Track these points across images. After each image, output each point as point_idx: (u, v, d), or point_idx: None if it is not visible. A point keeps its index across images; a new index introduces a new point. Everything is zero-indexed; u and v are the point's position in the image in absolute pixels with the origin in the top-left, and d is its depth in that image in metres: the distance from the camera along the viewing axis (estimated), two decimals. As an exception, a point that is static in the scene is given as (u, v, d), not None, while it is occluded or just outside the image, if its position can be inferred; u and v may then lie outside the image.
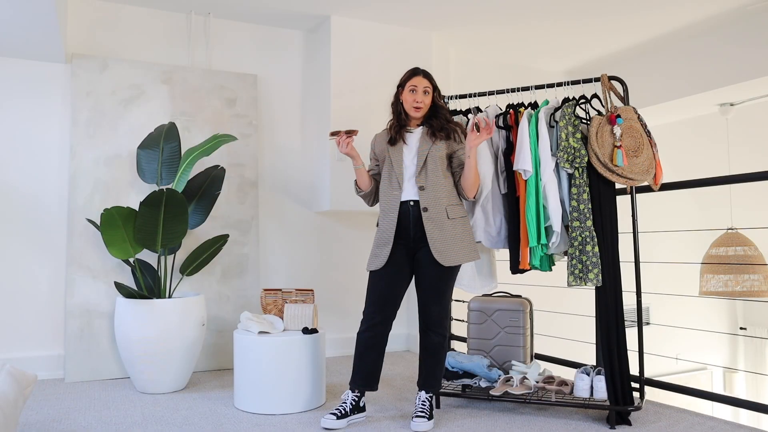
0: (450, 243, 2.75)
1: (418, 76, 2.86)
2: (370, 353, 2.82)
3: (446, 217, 2.76)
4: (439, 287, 2.80)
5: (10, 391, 2.11)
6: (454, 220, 2.78)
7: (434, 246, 2.73)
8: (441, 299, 2.82)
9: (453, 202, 2.81)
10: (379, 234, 2.86)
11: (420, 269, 2.82)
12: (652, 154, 2.93)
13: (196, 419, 2.91)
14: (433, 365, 2.85)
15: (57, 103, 3.89)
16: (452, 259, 2.74)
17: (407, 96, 2.86)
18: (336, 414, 2.74)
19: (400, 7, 4.16)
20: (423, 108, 2.85)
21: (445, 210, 2.77)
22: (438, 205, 2.76)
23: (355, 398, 2.80)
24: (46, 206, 3.84)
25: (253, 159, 4.28)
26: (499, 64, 5.34)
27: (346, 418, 2.75)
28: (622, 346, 2.84)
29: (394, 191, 2.82)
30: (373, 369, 2.83)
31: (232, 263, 4.14)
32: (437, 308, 2.82)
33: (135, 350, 3.36)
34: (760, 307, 7.03)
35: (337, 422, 2.71)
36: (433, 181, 2.78)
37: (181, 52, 4.24)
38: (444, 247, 2.74)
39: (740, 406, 2.88)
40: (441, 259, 2.73)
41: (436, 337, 2.84)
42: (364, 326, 2.84)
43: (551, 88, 3.12)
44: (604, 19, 4.45)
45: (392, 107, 2.95)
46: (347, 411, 2.76)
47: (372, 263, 2.84)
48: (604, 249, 2.85)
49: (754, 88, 4.71)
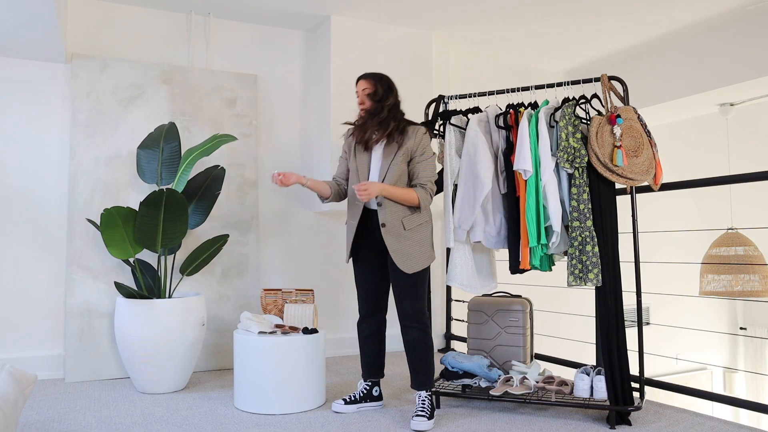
0: (410, 252, 2.82)
1: (361, 80, 2.96)
2: (369, 341, 3.02)
3: (403, 228, 2.83)
4: (411, 285, 2.85)
5: (10, 391, 2.11)
6: (410, 230, 2.85)
7: (396, 257, 2.81)
8: (413, 294, 2.85)
9: (408, 213, 2.86)
10: (347, 229, 3.01)
11: (391, 271, 2.90)
12: (652, 154, 2.93)
13: (196, 419, 2.91)
14: (418, 362, 2.85)
15: (57, 103, 3.89)
16: (415, 266, 2.82)
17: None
18: (345, 399, 2.95)
19: (400, 7, 4.16)
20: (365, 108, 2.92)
21: (401, 222, 2.83)
22: (395, 219, 2.83)
23: (366, 387, 2.94)
24: (46, 206, 3.84)
25: (253, 159, 4.28)
26: (499, 64, 5.34)
27: (355, 404, 2.92)
28: (622, 346, 2.84)
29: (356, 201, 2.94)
30: (375, 356, 3.00)
31: (232, 263, 4.14)
32: (410, 301, 2.85)
33: (135, 350, 3.36)
34: (760, 307, 7.04)
35: (345, 407, 2.86)
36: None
37: (181, 52, 4.24)
38: (405, 256, 2.81)
39: (740, 406, 2.88)
40: (405, 267, 2.81)
41: (415, 331, 2.85)
42: (359, 317, 3.06)
43: (551, 88, 3.12)
44: (604, 19, 4.45)
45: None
46: (357, 398, 2.92)
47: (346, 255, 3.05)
48: (604, 249, 2.85)
49: (754, 88, 4.71)
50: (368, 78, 2.94)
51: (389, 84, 2.94)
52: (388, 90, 2.92)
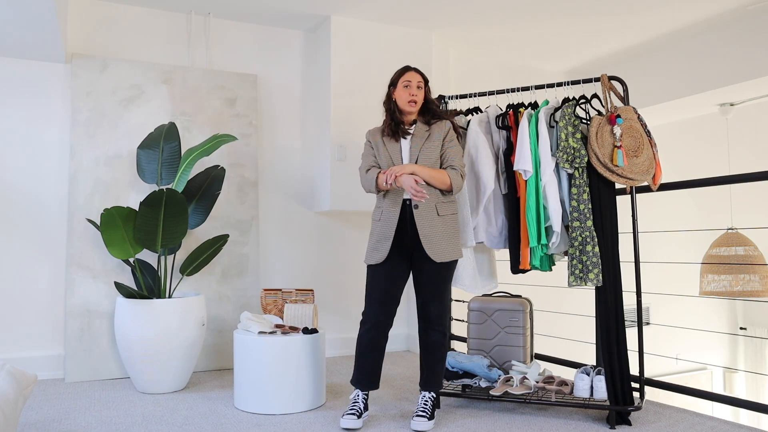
0: (440, 240, 2.77)
1: (411, 71, 2.89)
2: (372, 353, 2.84)
3: (436, 213, 2.79)
4: (437, 285, 2.81)
5: (10, 391, 2.11)
6: (444, 217, 2.80)
7: (426, 243, 2.75)
8: (440, 296, 2.83)
9: (443, 200, 2.83)
10: (380, 227, 2.83)
11: (417, 268, 2.84)
12: (652, 154, 2.93)
13: (196, 419, 2.91)
14: (435, 364, 2.85)
15: (57, 103, 3.89)
16: (444, 255, 2.76)
17: (401, 92, 2.87)
18: (355, 414, 2.76)
19: (400, 7, 4.16)
20: (418, 102, 2.87)
21: (435, 207, 2.79)
22: (429, 201, 2.78)
23: (365, 396, 2.84)
24: (46, 206, 3.84)
25: (253, 159, 4.28)
26: (499, 64, 5.34)
27: (362, 416, 2.79)
28: (622, 346, 2.84)
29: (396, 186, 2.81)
30: (376, 368, 2.86)
31: (232, 263, 4.14)
32: (437, 305, 2.82)
33: (135, 350, 3.36)
34: (760, 307, 7.03)
35: (358, 421, 2.75)
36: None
37: (181, 52, 4.24)
38: (435, 243, 2.76)
39: (740, 406, 2.88)
40: (433, 255, 2.74)
41: (437, 335, 2.84)
42: (367, 325, 2.84)
43: (551, 88, 3.12)
44: (604, 19, 4.45)
45: (385, 106, 2.95)
46: (362, 409, 2.80)
47: (372, 256, 2.83)
48: (604, 249, 2.85)
49: (754, 88, 4.71)
50: (418, 71, 2.90)
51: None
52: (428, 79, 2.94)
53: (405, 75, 2.88)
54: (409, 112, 2.88)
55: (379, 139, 2.92)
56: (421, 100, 2.88)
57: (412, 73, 2.88)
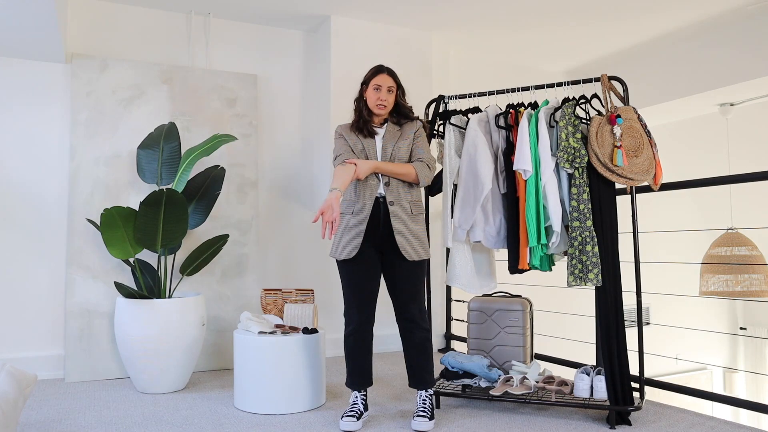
0: (414, 238, 2.78)
1: (383, 74, 2.85)
2: (360, 353, 2.84)
3: (410, 212, 2.81)
4: (414, 284, 2.81)
5: (10, 391, 2.11)
6: (416, 215, 2.83)
7: (401, 241, 2.74)
8: (417, 296, 2.83)
9: (416, 198, 2.86)
10: (353, 221, 2.76)
11: (389, 267, 2.81)
12: (652, 154, 2.93)
13: (196, 419, 2.91)
14: (424, 361, 2.84)
15: (57, 103, 3.89)
16: (417, 254, 2.77)
17: (371, 94, 2.85)
18: (355, 415, 2.76)
19: (400, 8, 4.16)
20: (387, 107, 2.85)
21: (409, 205, 2.81)
22: (403, 200, 2.79)
23: (363, 397, 2.84)
24: (46, 206, 3.84)
25: (253, 159, 4.28)
26: (499, 64, 5.34)
27: (362, 417, 2.79)
28: (622, 346, 2.84)
29: (370, 180, 2.78)
30: (367, 366, 2.86)
31: (232, 263, 4.14)
32: (416, 305, 2.82)
33: (135, 350, 3.36)
34: (760, 307, 7.04)
35: (357, 423, 2.75)
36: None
37: (181, 52, 4.24)
38: (409, 242, 2.76)
39: (740, 406, 2.88)
40: (408, 253, 2.74)
41: (422, 332, 2.83)
42: (350, 328, 2.83)
43: (551, 88, 3.12)
44: (604, 20, 4.45)
45: (355, 103, 2.93)
46: (362, 411, 2.80)
47: (344, 251, 2.75)
48: (604, 249, 2.85)
49: (754, 88, 4.71)
50: (391, 74, 2.86)
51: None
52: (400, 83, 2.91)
53: (376, 78, 2.84)
54: (377, 114, 2.88)
55: (352, 134, 2.88)
56: (390, 104, 2.86)
57: (384, 76, 2.84)
